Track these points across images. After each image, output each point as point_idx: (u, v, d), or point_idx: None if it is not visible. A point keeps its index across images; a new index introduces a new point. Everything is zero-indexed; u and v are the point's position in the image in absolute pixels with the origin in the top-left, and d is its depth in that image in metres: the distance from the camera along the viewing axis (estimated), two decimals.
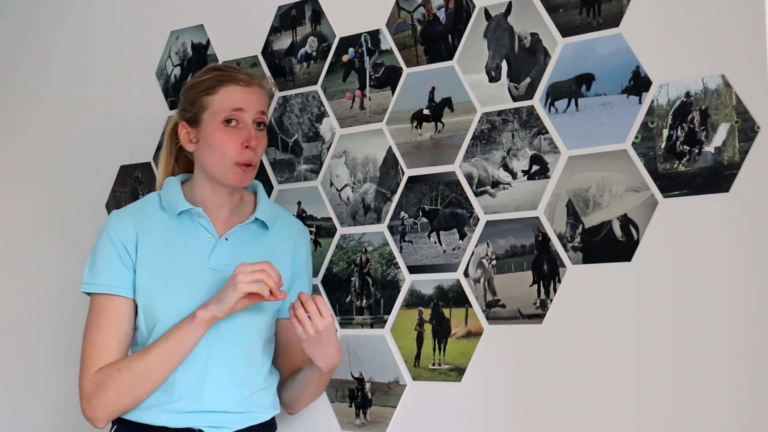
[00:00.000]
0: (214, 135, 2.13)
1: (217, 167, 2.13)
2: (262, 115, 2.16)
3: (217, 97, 2.14)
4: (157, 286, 2.10)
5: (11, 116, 3.05)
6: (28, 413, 2.89)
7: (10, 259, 3.00)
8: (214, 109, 2.14)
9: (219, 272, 2.12)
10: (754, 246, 1.85)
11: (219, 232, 2.17)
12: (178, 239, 2.14)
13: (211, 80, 2.16)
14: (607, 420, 1.97)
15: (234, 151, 2.11)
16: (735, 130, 1.88)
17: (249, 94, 2.15)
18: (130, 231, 2.13)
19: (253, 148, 2.12)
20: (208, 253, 2.14)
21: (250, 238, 2.18)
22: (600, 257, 2.00)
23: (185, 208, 2.15)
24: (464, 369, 2.15)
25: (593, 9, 2.04)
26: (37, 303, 2.90)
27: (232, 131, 2.13)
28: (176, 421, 2.07)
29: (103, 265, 2.12)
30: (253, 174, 2.16)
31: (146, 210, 2.18)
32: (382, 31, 2.34)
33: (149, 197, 2.22)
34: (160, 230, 2.15)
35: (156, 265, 2.12)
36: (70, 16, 2.93)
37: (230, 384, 2.10)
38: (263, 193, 2.25)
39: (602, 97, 2.03)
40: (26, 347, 2.91)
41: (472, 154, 2.18)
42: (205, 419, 2.08)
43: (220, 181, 2.15)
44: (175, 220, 2.15)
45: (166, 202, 2.17)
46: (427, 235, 2.23)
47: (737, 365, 1.85)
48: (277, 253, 2.19)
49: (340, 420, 2.32)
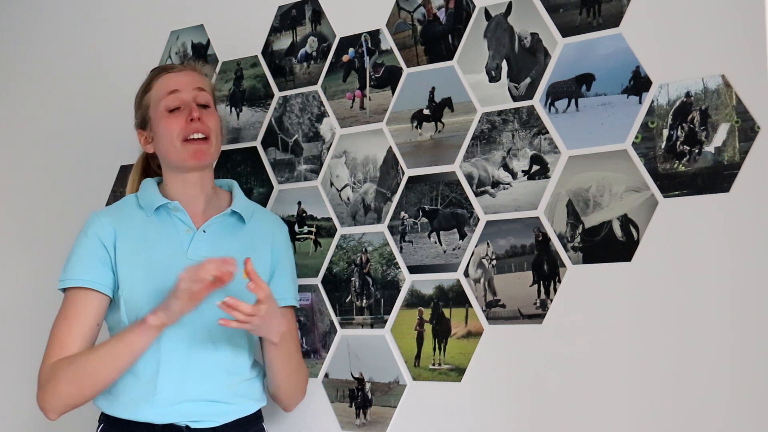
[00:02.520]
0: (159, 123, 2.18)
1: (172, 152, 2.17)
2: (200, 92, 2.20)
3: (153, 90, 2.22)
4: (138, 279, 2.12)
5: (11, 116, 3.05)
6: (30, 414, 2.89)
7: (10, 259, 3.00)
8: (154, 101, 2.20)
9: (198, 263, 2.10)
10: (754, 246, 1.85)
11: (196, 224, 2.18)
12: (157, 233, 2.16)
13: (146, 80, 2.26)
14: (608, 420, 1.97)
15: (179, 129, 2.16)
16: (735, 130, 1.88)
17: (181, 76, 2.22)
18: (108, 228, 2.15)
19: (197, 119, 2.15)
20: (187, 245, 2.15)
21: (228, 231, 2.19)
22: (600, 257, 2.00)
23: (162, 203, 2.17)
24: (464, 369, 2.15)
25: (593, 9, 2.04)
26: (38, 303, 2.90)
27: (176, 114, 2.18)
28: (161, 416, 2.07)
29: (76, 260, 2.15)
30: (210, 150, 2.17)
31: (124, 209, 2.21)
32: (382, 31, 2.34)
33: (126, 198, 2.25)
34: (138, 227, 2.17)
35: (136, 259, 2.13)
36: (71, 17, 2.93)
37: (214, 371, 2.10)
38: (238, 190, 2.27)
39: (602, 97, 2.03)
40: (27, 347, 2.91)
41: (472, 154, 2.18)
42: (190, 411, 2.08)
43: (181, 165, 2.17)
44: (152, 216, 2.17)
45: (143, 200, 2.20)
46: (427, 235, 2.23)
47: (738, 365, 1.85)
48: (255, 246, 2.20)
49: (340, 420, 2.32)
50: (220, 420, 2.11)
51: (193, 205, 2.20)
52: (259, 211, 2.28)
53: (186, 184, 2.20)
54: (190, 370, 2.09)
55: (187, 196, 2.20)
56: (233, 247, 2.15)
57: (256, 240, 2.22)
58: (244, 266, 1.98)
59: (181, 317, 2.02)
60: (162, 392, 2.07)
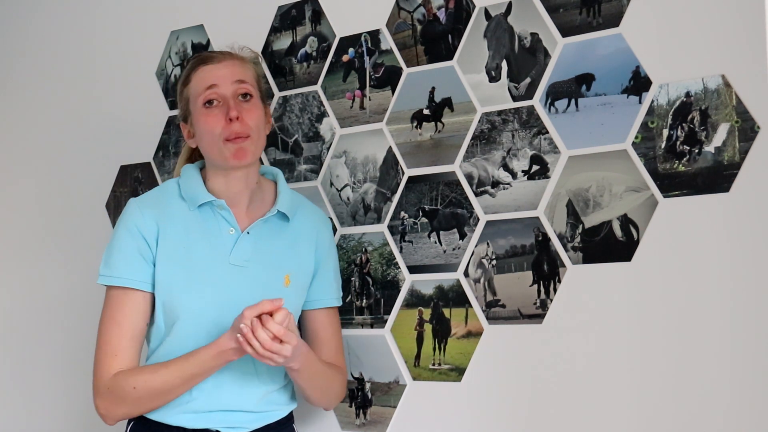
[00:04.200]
0: (199, 121, 2.10)
1: (213, 151, 2.09)
2: (241, 84, 2.11)
3: (192, 84, 2.13)
4: (178, 282, 2.06)
5: (11, 116, 3.05)
6: (35, 415, 2.89)
7: (11, 259, 3.00)
8: (193, 96, 2.12)
9: (241, 268, 2.08)
10: (754, 246, 1.85)
11: (241, 223, 2.12)
12: (199, 232, 2.09)
13: (186, 71, 2.16)
14: (607, 420, 1.97)
15: (219, 128, 2.07)
16: (735, 130, 1.88)
17: (219, 69, 2.11)
18: (150, 223, 2.08)
19: (236, 118, 2.06)
20: (230, 248, 2.09)
21: (272, 232, 2.13)
22: (600, 257, 2.00)
23: (207, 199, 2.09)
24: (464, 369, 2.15)
25: (593, 9, 2.04)
26: (38, 303, 2.90)
27: (214, 110, 2.09)
28: (193, 421, 2.06)
29: (118, 255, 2.07)
30: (253, 147, 2.08)
31: (166, 199, 2.12)
32: (382, 31, 2.34)
33: (168, 185, 2.16)
34: (180, 222, 2.09)
35: (177, 260, 2.07)
36: (71, 17, 2.93)
37: (248, 383, 2.07)
38: (283, 182, 2.19)
39: (602, 97, 2.03)
40: (27, 348, 2.91)
41: (472, 154, 2.18)
42: (222, 419, 2.07)
43: (223, 165, 2.09)
44: (195, 211, 2.10)
45: (186, 191, 2.12)
46: (427, 235, 2.23)
47: (738, 365, 1.85)
48: (299, 246, 2.16)
49: (340, 420, 2.32)
50: (253, 425, 2.09)
51: (237, 201, 2.12)
52: (303, 207, 2.21)
53: (229, 179, 2.11)
54: (225, 380, 2.05)
55: (230, 191, 2.11)
56: (277, 249, 2.12)
57: (300, 239, 2.16)
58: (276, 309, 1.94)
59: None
60: (196, 400, 2.05)
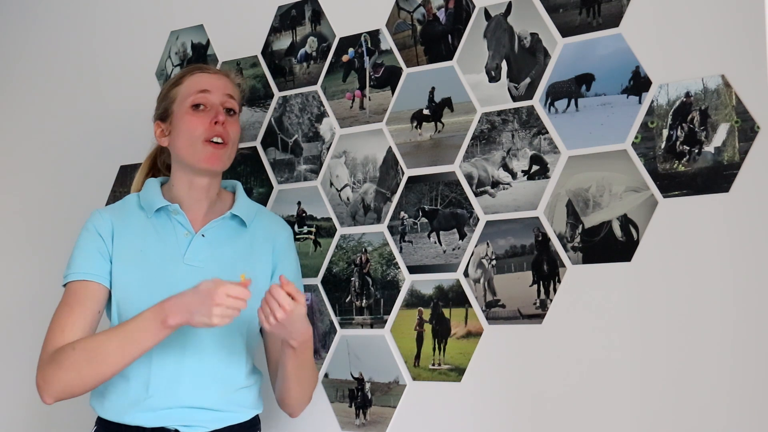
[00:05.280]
0: (182, 119, 2.16)
1: (188, 150, 2.14)
2: (230, 99, 2.19)
3: (184, 85, 2.20)
4: (132, 281, 2.10)
5: (11, 116, 3.05)
6: (34, 414, 2.89)
7: (10, 258, 3.00)
8: (182, 96, 2.18)
9: (195, 268, 2.10)
10: (754, 246, 1.85)
11: (196, 228, 2.16)
12: (155, 236, 2.14)
13: (179, 74, 2.24)
14: (608, 420, 1.97)
15: (202, 129, 2.14)
16: (735, 130, 1.88)
17: (214, 79, 2.21)
18: (106, 222, 2.14)
19: (222, 123, 2.14)
20: (185, 249, 2.13)
21: (228, 235, 2.17)
22: (600, 257, 2.00)
23: (162, 204, 2.15)
24: (464, 369, 2.15)
25: (593, 9, 2.04)
26: (38, 303, 2.90)
27: (201, 113, 2.16)
28: (152, 420, 2.05)
29: (77, 255, 2.13)
30: (225, 156, 2.16)
31: (125, 208, 2.19)
32: (382, 31, 2.34)
33: (128, 198, 2.23)
34: (137, 227, 2.15)
35: (132, 260, 2.11)
36: (70, 17, 2.94)
37: (207, 379, 2.07)
38: (242, 191, 2.25)
39: (602, 97, 2.03)
40: (27, 347, 2.91)
41: (472, 154, 2.18)
42: (180, 416, 2.06)
43: (194, 166, 2.14)
44: (152, 218, 2.16)
45: (145, 201, 2.18)
46: (427, 235, 2.23)
47: (738, 365, 1.85)
48: (255, 250, 2.18)
49: (340, 420, 2.32)
50: (212, 426, 2.08)
51: (195, 208, 2.18)
52: (261, 214, 2.25)
53: (192, 186, 2.17)
54: (181, 377, 2.06)
55: (190, 198, 2.18)
56: (232, 253, 2.14)
57: (257, 244, 2.19)
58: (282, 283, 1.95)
59: None
60: (153, 397, 2.05)
